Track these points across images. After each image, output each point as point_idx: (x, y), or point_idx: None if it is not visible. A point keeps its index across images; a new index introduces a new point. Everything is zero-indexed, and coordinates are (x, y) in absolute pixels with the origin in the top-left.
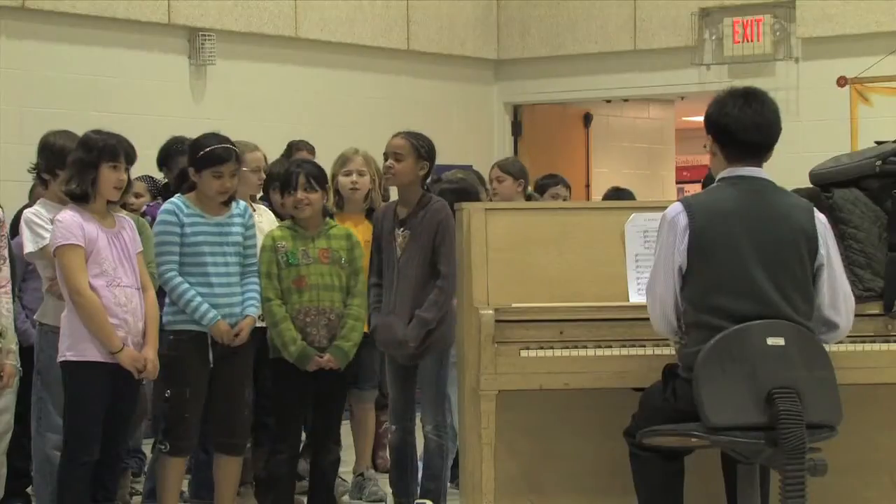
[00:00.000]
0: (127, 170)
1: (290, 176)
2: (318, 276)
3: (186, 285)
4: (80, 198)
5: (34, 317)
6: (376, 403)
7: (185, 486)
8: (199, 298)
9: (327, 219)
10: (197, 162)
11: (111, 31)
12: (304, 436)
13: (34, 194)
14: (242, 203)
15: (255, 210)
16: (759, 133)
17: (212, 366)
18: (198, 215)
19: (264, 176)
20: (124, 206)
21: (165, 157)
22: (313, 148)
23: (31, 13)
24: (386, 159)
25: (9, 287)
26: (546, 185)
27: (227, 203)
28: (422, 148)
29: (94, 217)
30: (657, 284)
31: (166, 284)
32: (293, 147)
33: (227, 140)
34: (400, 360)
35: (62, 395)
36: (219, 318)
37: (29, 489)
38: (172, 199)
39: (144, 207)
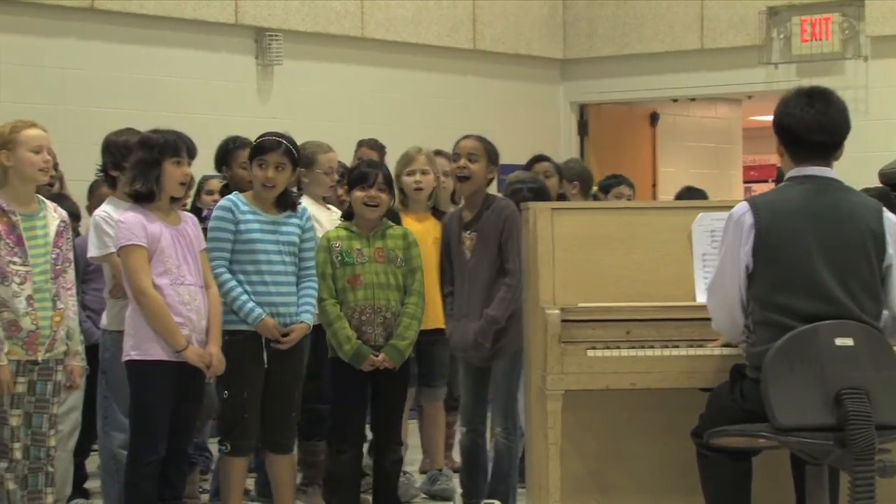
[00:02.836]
0: (189, 164)
1: (368, 174)
2: (372, 275)
3: (234, 283)
4: (145, 197)
5: (100, 324)
6: (444, 404)
7: (251, 485)
8: (244, 296)
9: (384, 219)
10: (250, 154)
11: (178, 31)
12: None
13: (95, 194)
14: (302, 207)
15: (328, 209)
16: (822, 133)
17: (266, 366)
18: (253, 212)
19: (337, 178)
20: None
21: (223, 156)
22: (383, 146)
23: (100, 14)
24: (457, 160)
25: (74, 290)
26: (610, 185)
27: (282, 205)
28: (492, 153)
29: (158, 215)
30: (724, 283)
31: (215, 280)
32: (359, 145)
33: (282, 136)
34: (475, 363)
35: (127, 394)
36: (263, 315)
37: (86, 484)
38: (229, 195)
39: (206, 211)
